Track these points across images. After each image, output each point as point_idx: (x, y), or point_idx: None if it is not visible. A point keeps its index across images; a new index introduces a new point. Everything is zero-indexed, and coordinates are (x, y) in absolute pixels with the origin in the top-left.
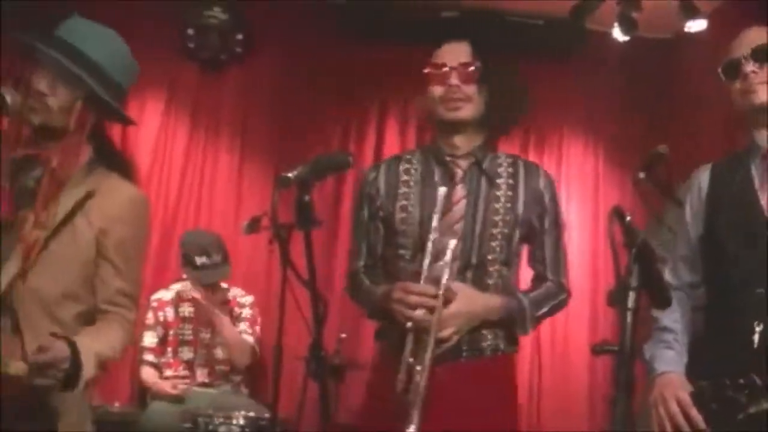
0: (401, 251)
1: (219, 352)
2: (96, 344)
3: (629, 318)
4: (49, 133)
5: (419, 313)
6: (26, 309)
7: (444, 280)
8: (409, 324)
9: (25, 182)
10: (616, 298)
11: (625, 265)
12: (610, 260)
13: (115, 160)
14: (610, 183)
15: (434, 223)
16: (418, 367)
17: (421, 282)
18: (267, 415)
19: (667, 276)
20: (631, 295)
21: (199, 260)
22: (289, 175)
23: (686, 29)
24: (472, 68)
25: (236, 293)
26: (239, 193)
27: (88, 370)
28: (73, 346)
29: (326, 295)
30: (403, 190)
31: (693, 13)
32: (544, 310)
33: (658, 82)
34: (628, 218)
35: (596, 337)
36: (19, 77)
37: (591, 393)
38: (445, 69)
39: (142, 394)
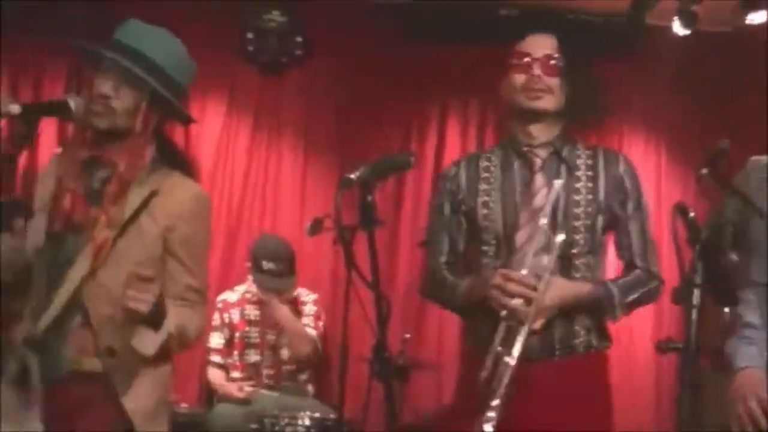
0: (484, 247)
1: (285, 353)
2: (173, 310)
3: (694, 315)
4: (114, 136)
5: (517, 302)
6: (97, 306)
7: (546, 275)
8: (504, 312)
9: (91, 184)
10: (680, 296)
11: (689, 261)
12: (673, 257)
13: (177, 159)
14: (671, 180)
15: (543, 217)
16: (507, 358)
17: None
18: (332, 416)
19: (753, 273)
20: (696, 293)
21: (266, 265)
22: (352, 176)
23: (747, 22)
24: (555, 60)
25: (300, 292)
26: (303, 195)
27: (171, 322)
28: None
29: (389, 295)
30: (483, 186)
31: (753, 6)
32: (634, 296)
33: (719, 76)
34: (692, 214)
35: (661, 333)
36: (81, 82)
37: (657, 391)
38: (528, 59)
39: (209, 394)
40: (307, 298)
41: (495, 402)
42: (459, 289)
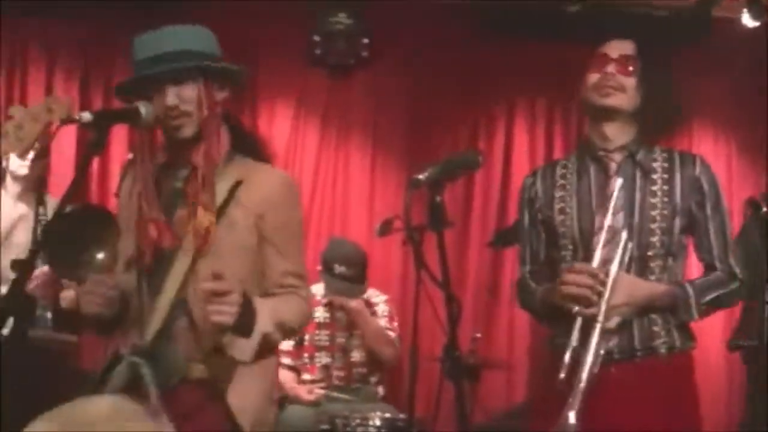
0: (563, 252)
1: (356, 355)
2: (270, 303)
3: (767, 312)
4: (197, 137)
5: (585, 292)
6: (200, 305)
7: (613, 269)
8: (576, 308)
9: (173, 185)
10: (752, 292)
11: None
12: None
13: (253, 147)
14: (742, 176)
15: (608, 216)
16: (588, 358)
17: None
18: (403, 416)
19: None
20: None
21: (338, 269)
22: (420, 177)
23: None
24: (631, 61)
25: (370, 294)
26: (371, 196)
27: (263, 322)
28: (245, 295)
29: (459, 295)
30: (560, 193)
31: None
32: (711, 296)
33: None
34: (765, 209)
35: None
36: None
37: (729, 388)
38: (604, 59)
39: (280, 396)
40: (378, 299)
41: (576, 400)
42: (537, 295)
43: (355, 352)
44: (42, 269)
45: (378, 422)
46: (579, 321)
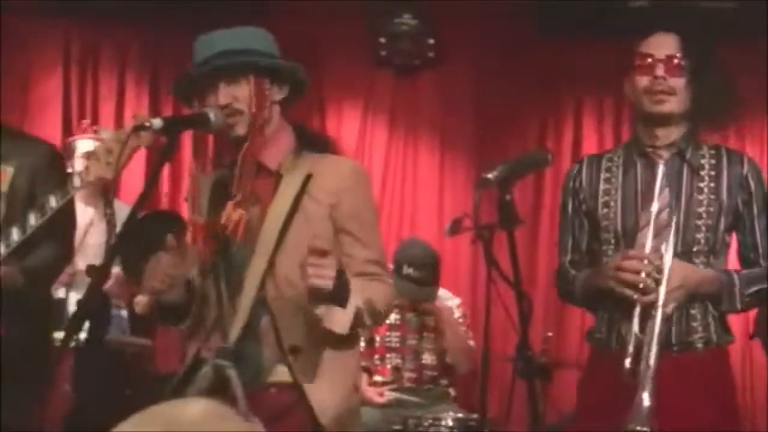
0: (604, 246)
1: (427, 357)
2: (359, 282)
3: None
4: (248, 135)
5: (644, 279)
6: (280, 302)
7: (668, 255)
8: (636, 295)
9: (244, 183)
10: None
11: None
12: None
13: (319, 141)
14: None
15: (653, 211)
16: (652, 347)
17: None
18: (475, 416)
19: None
20: None
21: (407, 270)
22: (489, 175)
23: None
24: (679, 61)
25: (442, 296)
26: (441, 195)
27: (356, 298)
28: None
29: (530, 293)
30: (604, 186)
31: None
32: (755, 289)
33: None
34: None
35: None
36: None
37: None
38: (651, 60)
39: None
40: (452, 302)
41: (647, 383)
42: (578, 281)
43: (426, 354)
44: (115, 270)
45: (450, 422)
46: (638, 308)
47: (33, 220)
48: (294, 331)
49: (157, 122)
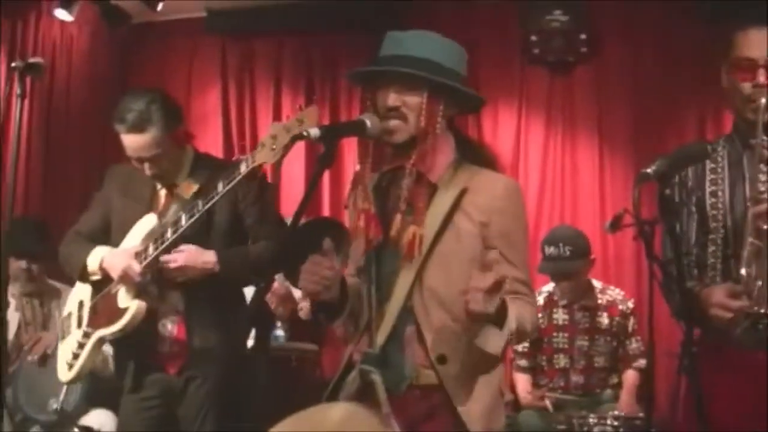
0: (712, 236)
1: (598, 360)
2: (511, 305)
3: None
4: (411, 143)
5: (735, 314)
6: (426, 313)
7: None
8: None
9: (397, 193)
10: None
11: None
12: None
13: (479, 155)
14: None
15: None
16: None
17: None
18: (641, 415)
19: None
20: None
21: (548, 250)
22: (649, 170)
23: None
24: None
25: (615, 296)
26: (601, 191)
27: (512, 317)
28: None
29: None
30: (711, 176)
31: None
32: None
33: None
34: None
35: None
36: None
37: None
38: (751, 63)
39: (516, 398)
40: (625, 307)
41: None
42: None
43: (597, 357)
44: (276, 284)
45: (615, 421)
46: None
47: (200, 205)
48: (441, 341)
49: (314, 131)
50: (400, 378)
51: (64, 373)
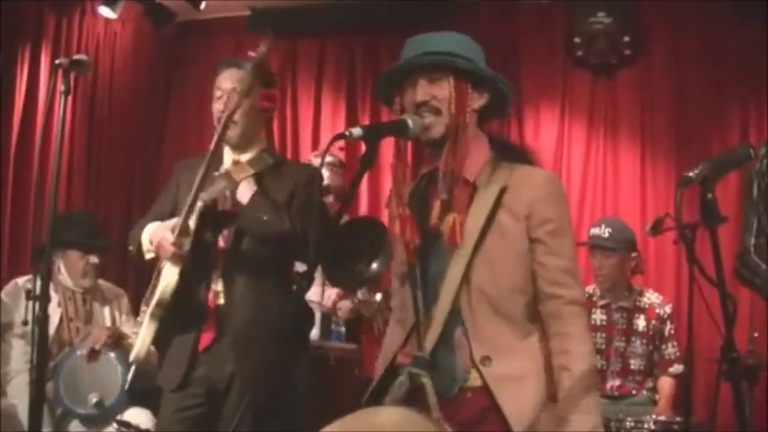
0: None
1: (634, 363)
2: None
3: None
4: (446, 142)
5: None
6: (474, 313)
7: None
8: None
9: (435, 194)
10: None
11: None
12: None
13: (516, 153)
14: None
15: None
16: None
17: None
18: (679, 419)
19: None
20: None
21: (590, 231)
22: (691, 174)
23: None
24: None
25: (653, 300)
26: (643, 195)
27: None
28: None
29: (735, 292)
30: None
31: None
32: None
33: None
34: None
35: None
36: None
37: None
38: None
39: None
40: (663, 311)
41: None
42: (764, 276)
43: (633, 359)
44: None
45: (653, 425)
46: None
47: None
48: (486, 343)
49: (356, 131)
50: (451, 381)
51: (132, 354)
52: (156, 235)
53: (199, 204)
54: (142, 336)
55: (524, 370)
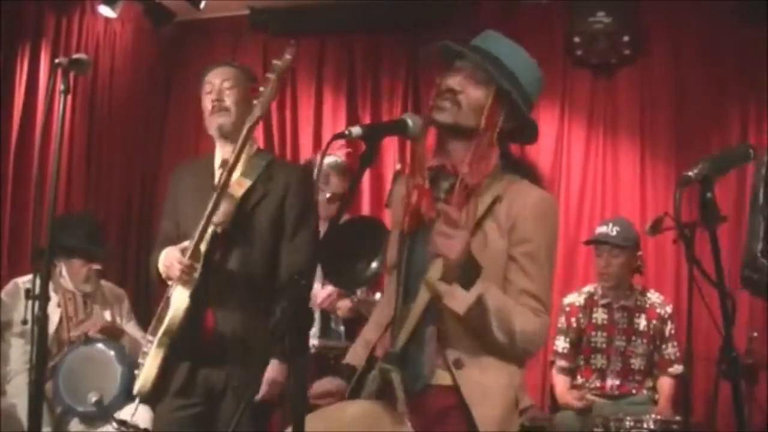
0: None
1: (635, 362)
2: (500, 292)
3: None
4: (457, 136)
5: None
6: (446, 315)
7: None
8: None
9: (437, 194)
10: None
11: None
12: None
13: (521, 167)
14: None
15: None
16: None
17: None
18: (678, 419)
19: None
20: None
21: (597, 229)
22: (690, 173)
23: None
24: None
25: (654, 300)
26: (642, 194)
27: (486, 288)
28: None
29: (734, 292)
30: None
31: None
32: None
33: None
34: None
35: None
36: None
37: None
38: None
39: (554, 398)
40: (663, 311)
41: None
42: None
43: (633, 359)
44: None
45: (652, 425)
46: None
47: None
48: (459, 344)
49: (356, 130)
50: (418, 377)
51: (136, 386)
52: (168, 257)
53: (210, 230)
54: (147, 366)
55: (495, 382)
